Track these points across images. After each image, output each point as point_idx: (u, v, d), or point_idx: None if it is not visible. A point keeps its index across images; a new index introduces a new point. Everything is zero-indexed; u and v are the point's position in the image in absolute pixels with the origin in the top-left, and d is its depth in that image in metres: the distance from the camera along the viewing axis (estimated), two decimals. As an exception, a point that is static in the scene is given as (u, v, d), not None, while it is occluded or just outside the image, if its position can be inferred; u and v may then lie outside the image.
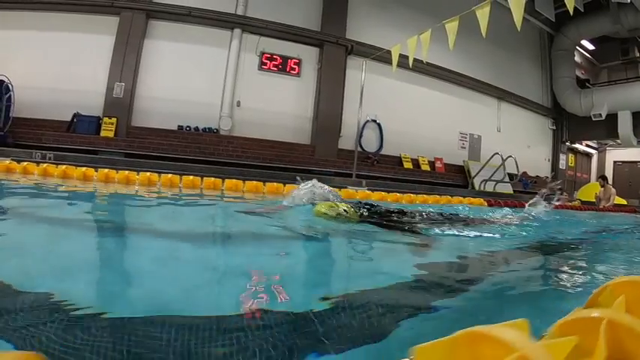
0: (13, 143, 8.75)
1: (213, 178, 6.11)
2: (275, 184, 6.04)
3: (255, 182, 6.11)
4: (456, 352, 0.46)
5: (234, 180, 6.27)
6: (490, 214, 4.06)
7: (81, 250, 1.51)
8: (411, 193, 6.92)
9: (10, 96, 8.74)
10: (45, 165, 4.53)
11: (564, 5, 12.79)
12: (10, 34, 9.21)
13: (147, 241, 1.81)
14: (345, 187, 6.61)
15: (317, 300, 1.11)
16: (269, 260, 1.60)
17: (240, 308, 1.00)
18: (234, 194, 5.44)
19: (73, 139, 8.90)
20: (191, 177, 5.65)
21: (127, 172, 5.32)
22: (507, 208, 5.58)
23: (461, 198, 7.14)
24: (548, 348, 0.46)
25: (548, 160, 15.08)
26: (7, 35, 9.19)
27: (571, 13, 5.06)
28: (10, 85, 8.63)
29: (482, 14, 6.21)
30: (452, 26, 6.70)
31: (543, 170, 14.64)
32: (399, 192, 6.63)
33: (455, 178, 11.47)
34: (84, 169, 4.48)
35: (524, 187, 12.38)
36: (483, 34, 5.97)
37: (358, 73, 10.21)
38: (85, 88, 9.20)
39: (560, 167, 15.14)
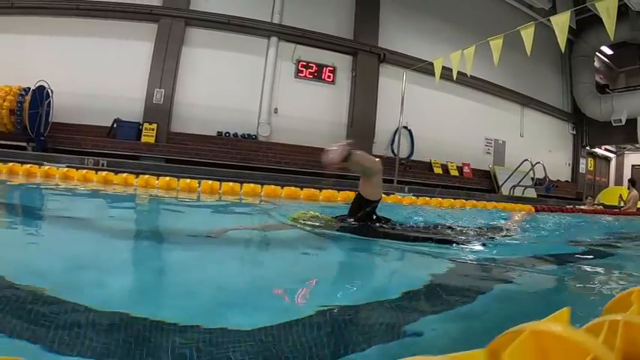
0: (52, 148, 9.40)
1: (252, 185, 6.89)
2: (312, 190, 6.83)
3: (293, 188, 6.86)
4: None
5: (272, 186, 7.05)
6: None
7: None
8: (451, 198, 7.77)
9: (49, 101, 9.39)
10: (142, 178, 5.28)
11: (584, 12, 13.69)
12: (50, 39, 9.78)
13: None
14: (393, 194, 7.43)
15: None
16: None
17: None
18: (272, 200, 6.09)
19: (113, 144, 9.47)
20: (231, 183, 6.36)
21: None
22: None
23: (485, 202, 7.97)
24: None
25: (569, 165, 15.91)
26: (47, 41, 9.76)
27: (612, 39, 5.92)
28: (49, 91, 9.21)
29: (527, 34, 7.07)
30: (496, 44, 7.50)
31: (564, 175, 15.50)
32: (440, 197, 7.47)
33: (482, 183, 12.33)
34: (182, 179, 5.26)
35: (547, 191, 13.29)
36: (528, 53, 6.81)
37: (390, 81, 11.03)
38: (125, 94, 9.78)
39: (580, 171, 16.07)
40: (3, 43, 9.68)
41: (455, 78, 8.01)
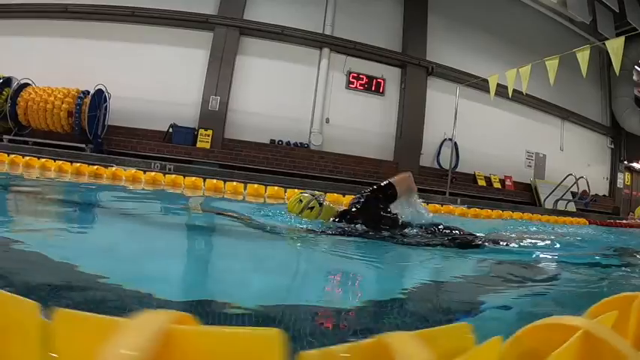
0: (108, 150, 10.28)
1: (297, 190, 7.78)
2: (353, 195, 7.63)
3: (335, 194, 7.68)
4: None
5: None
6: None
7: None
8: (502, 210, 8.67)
9: (106, 105, 10.05)
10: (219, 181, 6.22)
11: (624, 25, 14.65)
12: (107, 45, 10.64)
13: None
14: (456, 205, 8.33)
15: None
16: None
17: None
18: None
19: (169, 148, 10.21)
20: (275, 187, 7.20)
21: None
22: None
23: (548, 216, 8.87)
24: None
25: (607, 179, 16.53)
26: (104, 46, 10.62)
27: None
28: (107, 95, 9.98)
29: (583, 57, 7.99)
30: (552, 64, 8.39)
31: (601, 189, 16.08)
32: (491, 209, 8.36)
33: (523, 196, 13.03)
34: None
35: (585, 205, 14.12)
36: (584, 75, 7.72)
37: (437, 93, 11.87)
38: (181, 99, 10.58)
39: (618, 186, 16.83)
40: (60, 47, 10.56)
41: (510, 96, 8.90)
